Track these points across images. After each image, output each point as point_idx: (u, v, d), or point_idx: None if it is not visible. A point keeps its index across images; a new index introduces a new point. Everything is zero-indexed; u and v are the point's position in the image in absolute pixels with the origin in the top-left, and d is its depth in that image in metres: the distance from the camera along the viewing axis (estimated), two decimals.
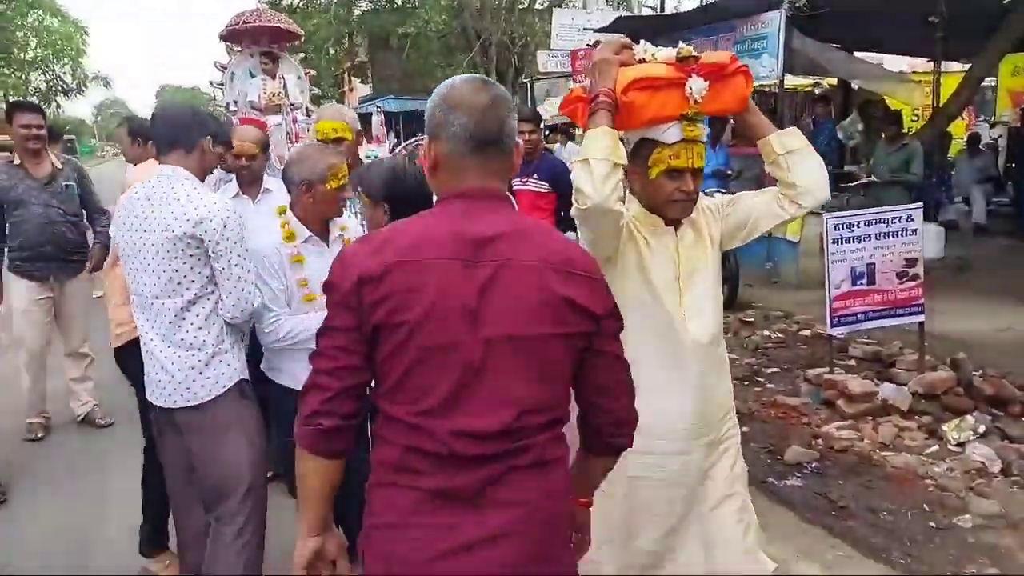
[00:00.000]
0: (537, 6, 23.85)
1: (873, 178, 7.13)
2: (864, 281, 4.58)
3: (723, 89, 1.99)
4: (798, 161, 2.06)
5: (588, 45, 10.10)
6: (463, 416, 1.32)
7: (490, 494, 1.34)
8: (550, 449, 1.39)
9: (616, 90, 1.89)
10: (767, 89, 8.51)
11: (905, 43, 8.94)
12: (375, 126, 8.47)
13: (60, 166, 4.61)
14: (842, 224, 4.54)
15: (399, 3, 23.50)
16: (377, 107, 13.65)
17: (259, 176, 3.47)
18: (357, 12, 24.38)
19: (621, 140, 1.89)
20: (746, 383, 5.18)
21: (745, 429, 4.42)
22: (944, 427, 4.17)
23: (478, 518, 1.33)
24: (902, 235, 4.59)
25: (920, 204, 4.75)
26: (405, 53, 22.90)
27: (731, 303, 7.10)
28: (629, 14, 10.21)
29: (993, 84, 14.02)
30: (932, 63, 8.53)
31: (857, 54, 10.66)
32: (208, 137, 2.42)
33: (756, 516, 2.29)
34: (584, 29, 10.28)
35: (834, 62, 7.77)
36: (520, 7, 23.05)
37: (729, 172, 8.12)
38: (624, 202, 1.94)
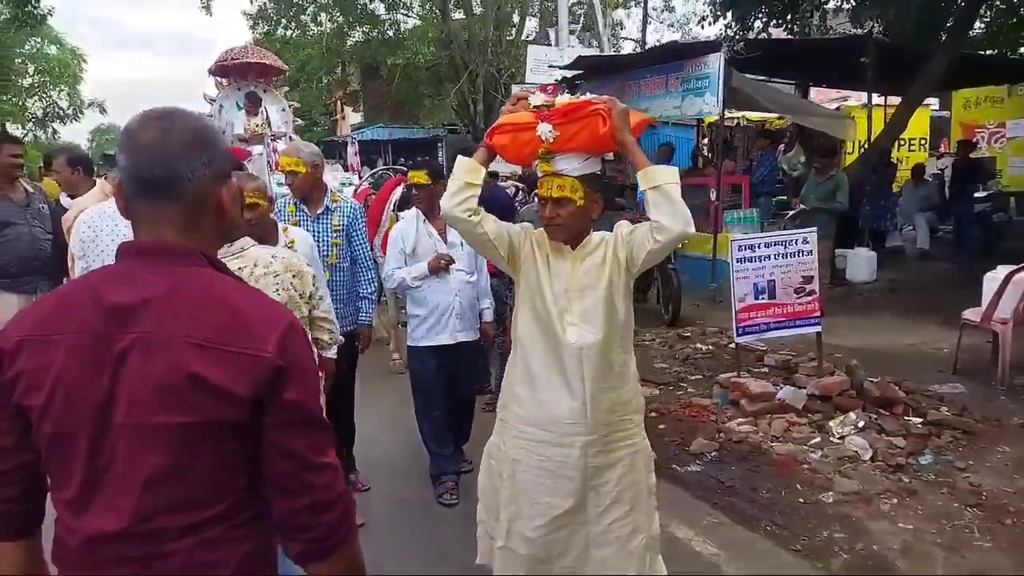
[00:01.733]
0: (523, 39, 24.67)
1: (803, 206, 7.77)
2: (765, 295, 5.19)
3: (581, 130, 2.29)
4: (656, 199, 2.25)
5: (555, 81, 10.77)
6: (92, 516, 1.19)
7: None
8: (202, 554, 1.19)
9: (488, 134, 2.44)
10: (721, 123, 9.18)
11: (843, 78, 9.68)
12: (350, 156, 9.13)
13: (32, 190, 5.04)
14: (745, 246, 5.16)
15: (390, 35, 24.24)
16: (352, 139, 14.37)
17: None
18: (349, 42, 25.13)
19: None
20: (671, 387, 5.77)
21: (662, 426, 5.08)
22: (831, 423, 4.76)
23: None
24: (799, 255, 5.20)
25: (814, 229, 5.36)
26: (395, 83, 23.64)
27: (675, 319, 7.73)
28: (589, 53, 10.86)
29: (948, 116, 14.89)
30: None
31: (813, 90, 11.42)
32: None
33: (655, 521, 2.55)
34: (550, 66, 10.98)
35: (769, 99, 8.45)
36: (508, 38, 23.85)
37: None
38: (475, 215, 2.36)
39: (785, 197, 9.24)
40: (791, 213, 8.12)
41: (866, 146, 9.54)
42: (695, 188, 9.87)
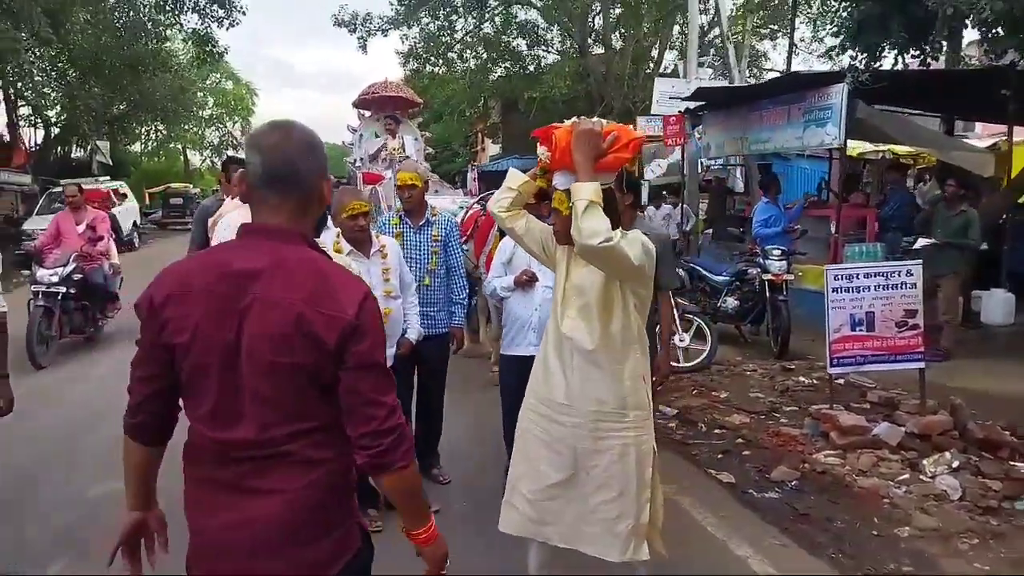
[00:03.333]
0: (661, 72, 24.76)
1: (933, 240, 7.43)
2: (863, 327, 5.08)
3: (563, 150, 2.55)
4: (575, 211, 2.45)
5: (678, 112, 10.87)
6: (226, 428, 1.56)
7: (248, 485, 1.55)
8: (308, 452, 1.57)
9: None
10: (843, 154, 8.95)
11: (982, 111, 9.14)
12: (469, 181, 9.70)
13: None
14: (841, 275, 5.09)
15: (531, 69, 25.04)
16: (473, 166, 15.24)
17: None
18: (492, 78, 26.17)
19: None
20: (763, 417, 5.71)
21: (746, 452, 5.09)
22: (924, 461, 4.59)
23: (240, 502, 1.56)
24: (902, 288, 5.06)
25: (919, 261, 5.19)
26: (532, 115, 24.36)
27: (782, 352, 7.59)
28: (708, 85, 10.87)
29: None
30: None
31: (978, 124, 10.75)
32: None
33: (659, 511, 2.75)
34: (670, 97, 11.07)
35: (897, 130, 8.14)
36: (646, 72, 24.03)
37: (795, 229, 8.63)
38: (508, 212, 2.82)
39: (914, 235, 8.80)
40: (917, 246, 7.77)
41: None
42: (818, 220, 9.66)
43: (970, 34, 8.74)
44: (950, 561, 3.56)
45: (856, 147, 12.24)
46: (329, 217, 3.73)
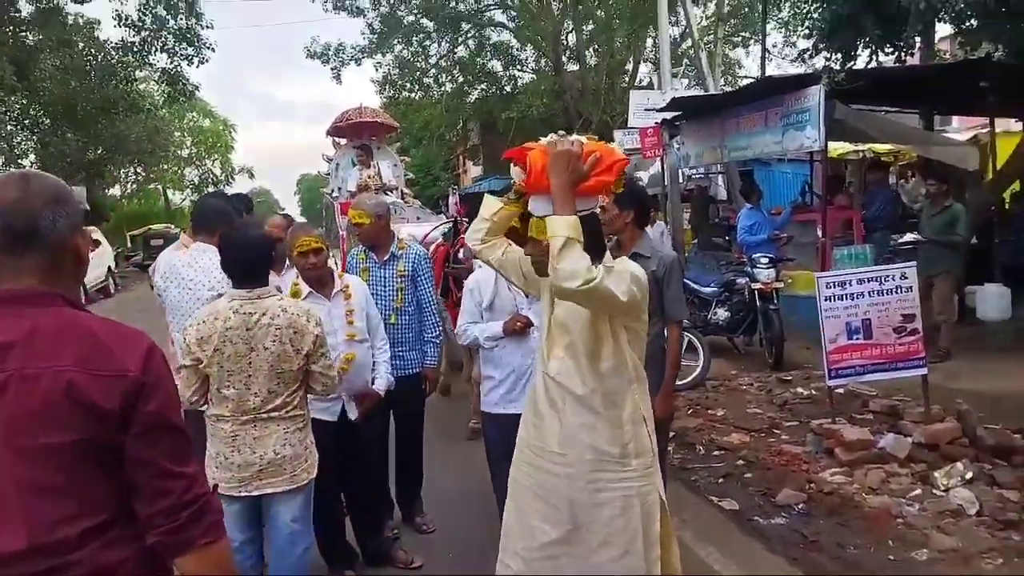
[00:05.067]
0: (636, 85, 24.75)
1: (920, 238, 7.26)
2: (860, 336, 4.86)
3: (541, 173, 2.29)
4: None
5: (655, 124, 10.72)
6: None
7: None
8: (101, 557, 1.32)
9: None
10: (824, 156, 8.81)
11: (963, 105, 9.03)
12: (451, 206, 9.51)
13: None
14: (834, 283, 4.88)
15: (507, 90, 25.00)
16: (453, 190, 15.20)
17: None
18: (468, 100, 26.11)
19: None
20: (762, 434, 5.47)
21: (748, 475, 4.84)
22: (935, 473, 4.35)
23: None
24: (897, 292, 4.85)
25: (912, 263, 5.00)
26: (510, 135, 24.29)
27: (778, 363, 7.36)
28: (683, 95, 10.74)
29: None
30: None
31: (956, 118, 10.65)
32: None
33: (676, 566, 2.49)
34: (646, 109, 10.93)
35: (879, 129, 8.00)
36: (622, 85, 24.01)
37: (781, 236, 8.44)
38: (483, 243, 2.60)
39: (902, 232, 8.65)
40: (904, 241, 7.59)
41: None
42: (803, 225, 9.48)
43: (943, 28, 8.66)
44: None
45: (836, 148, 12.14)
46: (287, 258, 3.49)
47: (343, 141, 10.74)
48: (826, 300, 4.87)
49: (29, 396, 1.30)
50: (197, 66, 19.03)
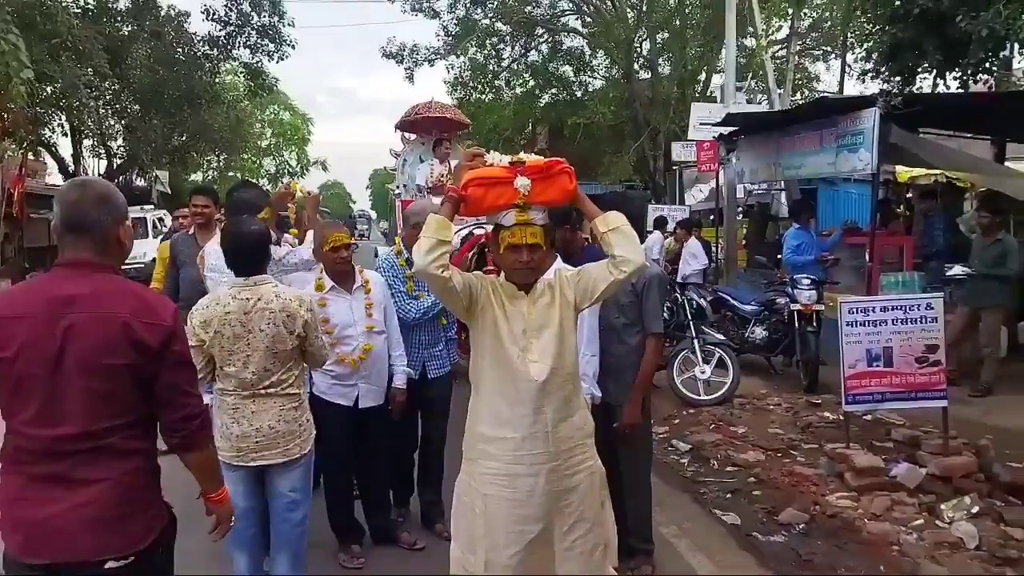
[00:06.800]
0: (708, 95, 24.46)
1: (971, 271, 7.10)
2: (880, 363, 4.85)
3: (550, 186, 2.51)
4: (616, 238, 2.48)
5: (712, 138, 10.70)
6: (46, 427, 1.86)
7: (75, 476, 1.87)
8: (125, 444, 1.93)
9: (460, 187, 2.55)
10: (876, 180, 8.66)
11: None
12: None
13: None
14: (857, 309, 4.88)
15: (577, 95, 25.06)
16: None
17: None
18: (538, 104, 26.25)
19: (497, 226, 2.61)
20: (779, 454, 5.50)
21: (756, 492, 4.89)
22: (942, 506, 4.34)
23: (67, 492, 1.86)
24: (922, 322, 4.82)
25: (940, 294, 4.95)
26: (577, 141, 24.33)
27: (811, 386, 7.31)
28: (738, 111, 10.65)
29: None
30: None
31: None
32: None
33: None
34: (701, 123, 10.90)
35: (932, 155, 7.82)
36: (692, 96, 23.76)
37: (828, 258, 8.35)
38: (447, 270, 2.42)
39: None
40: (953, 273, 7.43)
41: None
42: (854, 248, 9.34)
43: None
44: None
45: (909, 172, 11.80)
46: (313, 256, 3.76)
47: (412, 136, 10.48)
48: (848, 325, 4.88)
49: (98, 330, 1.88)
50: (277, 62, 19.81)
